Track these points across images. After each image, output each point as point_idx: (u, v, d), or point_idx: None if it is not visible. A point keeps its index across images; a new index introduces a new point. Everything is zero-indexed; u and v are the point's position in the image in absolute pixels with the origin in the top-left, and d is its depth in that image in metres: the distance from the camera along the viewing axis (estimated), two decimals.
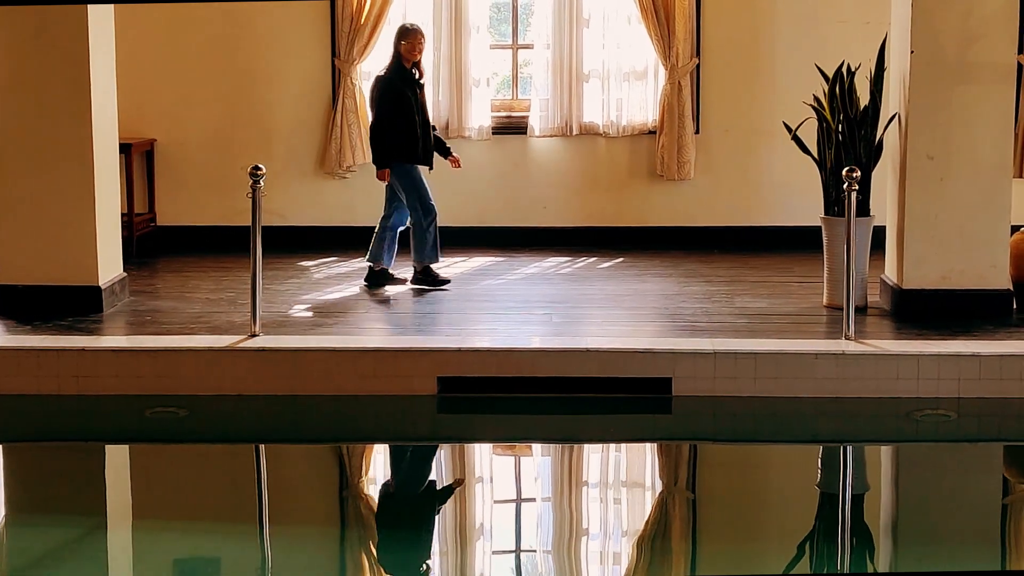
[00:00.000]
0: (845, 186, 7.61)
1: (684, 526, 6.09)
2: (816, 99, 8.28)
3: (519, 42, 10.93)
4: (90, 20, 8.09)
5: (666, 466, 6.96)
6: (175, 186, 10.71)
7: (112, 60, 8.48)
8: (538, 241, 10.62)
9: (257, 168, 7.63)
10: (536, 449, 7.21)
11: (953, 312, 7.94)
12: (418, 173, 8.98)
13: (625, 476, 6.85)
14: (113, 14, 8.51)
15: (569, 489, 6.57)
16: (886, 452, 7.08)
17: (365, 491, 6.55)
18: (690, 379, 7.21)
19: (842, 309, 7.56)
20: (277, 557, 5.57)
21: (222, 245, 10.30)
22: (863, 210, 8.07)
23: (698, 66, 10.55)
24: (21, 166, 8.20)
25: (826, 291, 8.34)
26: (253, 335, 7.53)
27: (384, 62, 10.53)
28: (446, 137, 10.34)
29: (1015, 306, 8.12)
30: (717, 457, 7.08)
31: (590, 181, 10.75)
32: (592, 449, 7.10)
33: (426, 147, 8.99)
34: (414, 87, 8.97)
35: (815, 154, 8.36)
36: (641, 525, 6.06)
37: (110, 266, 8.42)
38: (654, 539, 5.76)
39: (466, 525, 6.06)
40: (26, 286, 8.22)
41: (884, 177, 8.41)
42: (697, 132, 10.58)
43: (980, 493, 6.46)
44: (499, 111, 10.81)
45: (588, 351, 7.33)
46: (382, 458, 7.13)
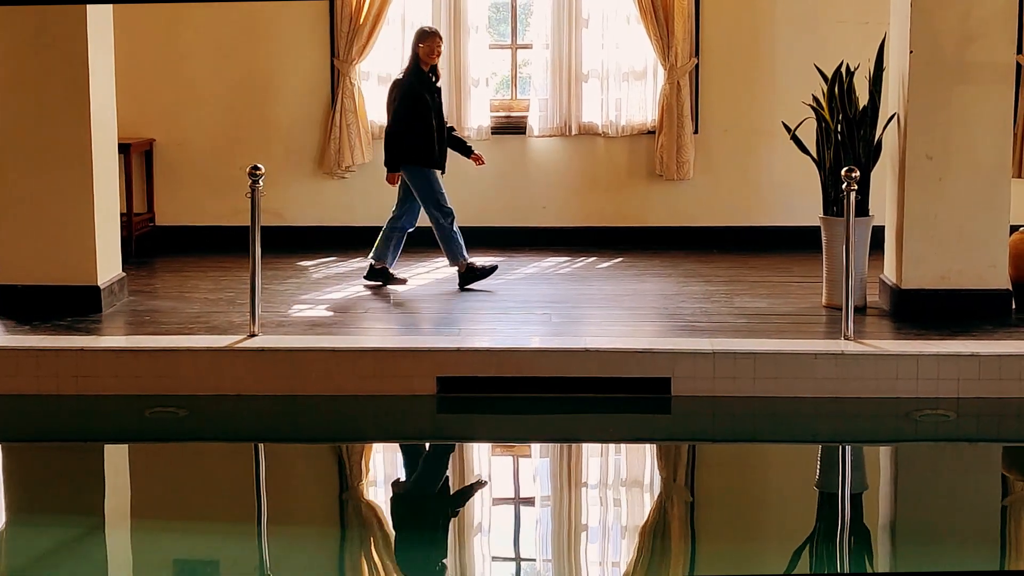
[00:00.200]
0: (844, 186, 7.61)
1: (683, 526, 6.09)
2: (815, 99, 8.28)
3: (518, 42, 10.93)
4: (89, 20, 8.09)
5: (665, 466, 6.96)
6: (174, 186, 10.71)
7: (111, 60, 8.48)
8: (537, 241, 10.62)
9: (256, 168, 7.63)
10: (535, 449, 7.21)
11: (952, 312, 7.94)
12: (435, 176, 8.97)
13: (624, 476, 6.85)
14: (112, 14, 8.52)
15: (568, 489, 6.57)
16: (885, 452, 7.08)
17: (364, 491, 6.55)
18: (689, 379, 7.21)
19: (841, 309, 7.56)
20: (276, 557, 5.57)
21: (221, 245, 10.30)
22: (862, 210, 8.08)
23: (697, 66, 10.55)
24: (20, 166, 8.19)
25: (825, 291, 8.34)
26: (252, 335, 7.53)
27: (381, 62, 10.62)
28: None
29: (1014, 306, 8.12)
30: (716, 457, 7.08)
31: (589, 181, 10.75)
32: (591, 449, 7.10)
33: (441, 151, 8.98)
34: (432, 90, 8.95)
35: (814, 154, 8.36)
36: (640, 525, 6.06)
37: (109, 266, 8.41)
38: (653, 539, 5.76)
39: (465, 525, 6.06)
40: (25, 286, 8.22)
41: (883, 177, 8.42)
42: (696, 132, 10.58)
43: (979, 493, 6.46)
44: (498, 111, 10.81)
45: (587, 351, 7.33)
46: (381, 458, 7.13)
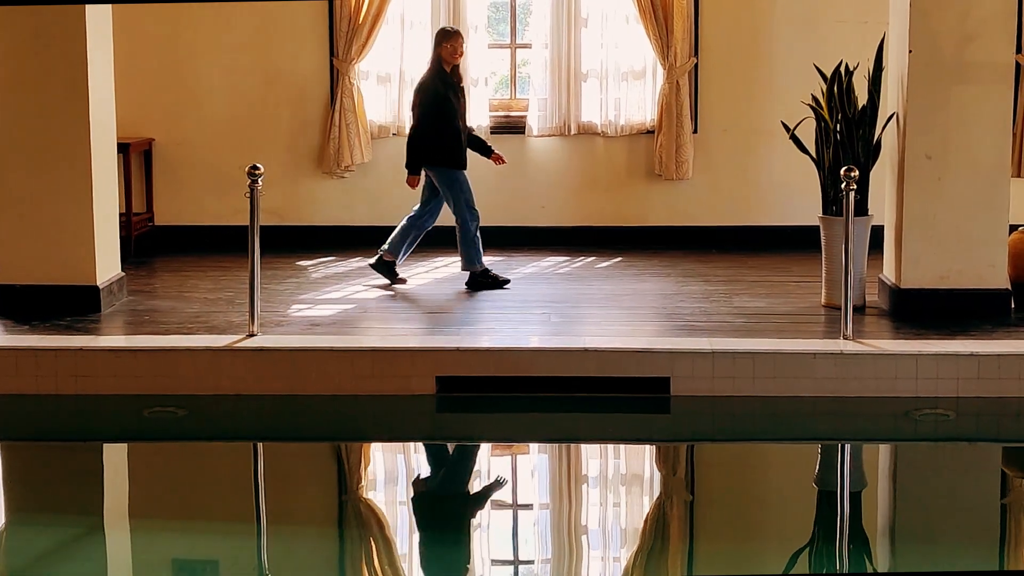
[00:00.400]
0: (843, 186, 7.61)
1: (682, 526, 6.09)
2: (814, 99, 8.28)
3: (517, 41, 10.93)
4: (88, 20, 8.08)
5: (664, 466, 6.96)
6: (173, 186, 10.70)
7: (110, 60, 8.47)
8: (536, 241, 10.62)
9: (255, 168, 7.63)
10: (534, 449, 7.21)
11: (951, 312, 7.94)
12: (464, 177, 8.97)
13: (623, 476, 6.85)
14: (111, 14, 8.51)
15: (567, 489, 6.57)
16: (884, 451, 7.08)
17: (363, 491, 6.55)
18: (688, 379, 7.21)
19: (840, 309, 7.56)
20: (275, 556, 5.57)
21: (220, 245, 10.29)
22: (861, 210, 8.08)
23: (696, 66, 10.55)
24: (19, 165, 8.19)
25: (824, 291, 8.34)
26: (251, 335, 7.53)
27: (380, 61, 10.61)
28: None
29: (1013, 305, 8.12)
30: (715, 457, 7.08)
31: (588, 181, 10.75)
32: (590, 449, 7.10)
33: (464, 152, 8.99)
34: (456, 91, 8.96)
35: (813, 154, 8.36)
36: (639, 525, 6.06)
37: (108, 266, 8.41)
38: (652, 539, 5.76)
39: (464, 524, 6.07)
40: (24, 286, 8.21)
41: (882, 177, 8.41)
42: (695, 132, 10.58)
43: (978, 492, 6.46)
44: (497, 111, 10.80)
45: (586, 351, 7.32)
46: (381, 458, 7.13)
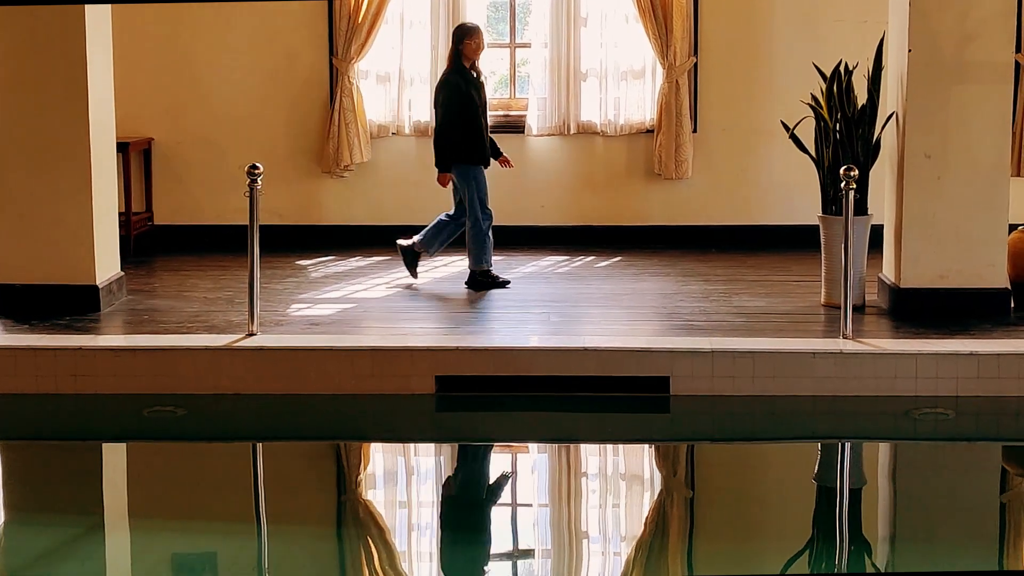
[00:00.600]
0: (843, 185, 7.61)
1: (682, 525, 6.09)
2: (814, 98, 8.28)
3: (517, 41, 10.93)
4: (88, 19, 8.08)
5: (664, 465, 6.96)
6: (173, 185, 10.70)
7: (109, 59, 8.47)
8: (536, 240, 10.62)
9: (255, 167, 7.63)
10: (534, 448, 7.21)
11: (951, 311, 7.94)
12: (483, 175, 8.99)
13: (623, 475, 6.85)
14: (111, 13, 8.51)
15: (567, 488, 6.56)
16: (884, 451, 7.08)
17: (363, 490, 6.54)
18: (688, 378, 7.21)
19: (840, 308, 7.56)
20: (275, 556, 5.57)
21: (220, 244, 10.29)
22: (861, 209, 8.08)
23: (696, 65, 10.55)
24: (18, 165, 8.19)
25: (824, 290, 8.34)
26: (251, 334, 7.53)
27: (379, 61, 10.61)
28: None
29: (1013, 305, 8.12)
30: (715, 456, 7.08)
31: (588, 180, 10.75)
32: (590, 448, 7.10)
33: (485, 148, 9.00)
34: (478, 87, 8.96)
35: (813, 153, 8.35)
36: (639, 524, 6.06)
37: (107, 265, 8.41)
38: (652, 538, 5.76)
39: (464, 524, 6.06)
40: (23, 285, 8.21)
41: (882, 176, 8.41)
42: (695, 131, 10.58)
43: (978, 492, 6.46)
44: (497, 110, 10.79)
45: (586, 350, 7.32)
46: (380, 457, 7.13)
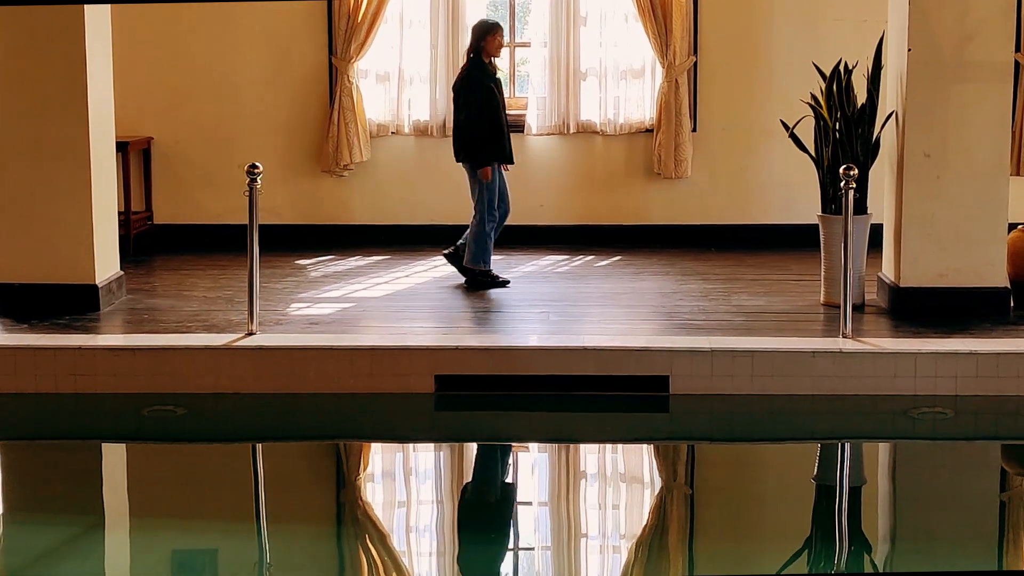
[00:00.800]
0: (842, 184, 7.61)
1: (681, 524, 6.09)
2: (813, 97, 8.28)
3: (516, 40, 10.93)
4: (87, 19, 8.08)
5: (663, 464, 6.96)
6: (172, 184, 10.70)
7: (109, 58, 8.47)
8: (535, 239, 10.62)
9: (254, 166, 7.63)
10: (533, 447, 7.21)
11: (950, 310, 7.94)
12: (497, 175, 8.98)
13: (622, 474, 6.85)
14: (110, 13, 8.51)
15: (566, 487, 6.57)
16: (883, 449, 7.08)
17: (362, 489, 6.54)
18: (687, 377, 7.21)
19: (839, 307, 7.56)
20: (274, 555, 5.57)
21: (219, 243, 10.30)
22: (860, 208, 8.08)
23: (695, 64, 10.55)
24: (18, 164, 8.19)
25: (823, 289, 8.34)
26: (250, 333, 7.53)
27: (379, 60, 10.60)
28: (441, 136, 10.38)
29: (1012, 304, 8.13)
30: (714, 455, 7.08)
31: (587, 179, 10.75)
32: (589, 447, 7.10)
33: (503, 146, 8.99)
34: (498, 84, 8.97)
35: (812, 152, 8.36)
36: (638, 523, 6.06)
37: (107, 264, 8.41)
38: (651, 538, 5.76)
39: (463, 523, 6.06)
40: (23, 284, 8.21)
41: (881, 175, 8.41)
42: (694, 130, 10.58)
43: (977, 491, 6.46)
44: None
45: (585, 349, 7.32)
46: (379, 456, 7.13)
